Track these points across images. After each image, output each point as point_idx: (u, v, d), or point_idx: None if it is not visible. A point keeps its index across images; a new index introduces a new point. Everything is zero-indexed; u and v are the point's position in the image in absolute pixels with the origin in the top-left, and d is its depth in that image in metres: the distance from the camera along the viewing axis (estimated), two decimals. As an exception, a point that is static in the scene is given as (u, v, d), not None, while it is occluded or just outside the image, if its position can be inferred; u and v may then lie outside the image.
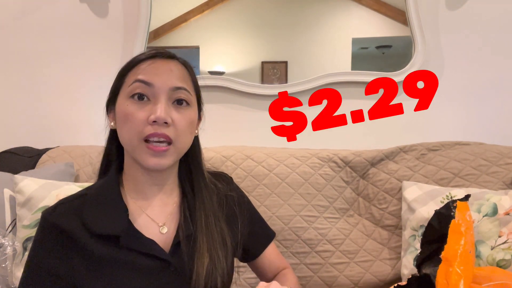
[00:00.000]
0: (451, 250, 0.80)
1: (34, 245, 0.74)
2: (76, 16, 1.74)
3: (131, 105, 0.71)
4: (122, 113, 0.72)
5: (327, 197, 1.44)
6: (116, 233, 0.71)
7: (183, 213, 0.78)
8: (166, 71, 0.73)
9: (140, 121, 0.70)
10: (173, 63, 0.75)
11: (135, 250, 0.71)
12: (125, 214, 0.73)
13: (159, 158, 0.71)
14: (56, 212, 0.74)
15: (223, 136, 1.70)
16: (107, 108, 0.80)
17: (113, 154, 0.81)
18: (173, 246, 0.74)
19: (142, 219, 0.76)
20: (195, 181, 0.81)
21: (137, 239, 0.72)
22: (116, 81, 0.77)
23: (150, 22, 1.69)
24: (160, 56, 0.75)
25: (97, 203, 0.74)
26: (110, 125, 0.78)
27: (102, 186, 0.77)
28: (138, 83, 0.71)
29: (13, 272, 1.27)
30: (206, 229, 0.77)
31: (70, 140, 1.72)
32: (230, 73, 1.73)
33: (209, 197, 0.81)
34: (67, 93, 1.77)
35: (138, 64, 0.74)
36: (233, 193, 0.88)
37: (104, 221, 0.72)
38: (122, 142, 0.75)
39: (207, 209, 0.79)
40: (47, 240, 0.73)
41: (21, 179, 1.34)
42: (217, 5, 1.74)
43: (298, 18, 1.71)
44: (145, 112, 0.70)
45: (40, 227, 0.74)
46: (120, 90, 0.75)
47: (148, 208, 0.77)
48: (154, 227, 0.76)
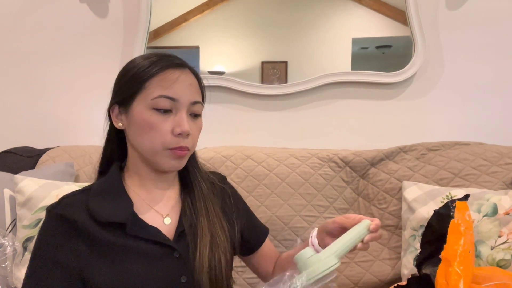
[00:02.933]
0: (450, 250, 0.81)
1: (40, 237, 0.75)
2: (76, 16, 1.74)
3: (156, 116, 0.76)
4: (143, 121, 0.76)
5: (327, 197, 1.44)
6: (122, 220, 0.75)
7: (185, 203, 0.83)
8: (188, 86, 0.78)
9: (165, 131, 0.76)
10: (189, 75, 0.80)
11: (141, 238, 0.75)
12: (129, 204, 0.78)
13: (179, 161, 0.79)
14: (61, 205, 0.76)
15: (223, 136, 1.70)
16: (112, 107, 0.81)
17: (116, 153, 0.85)
18: (177, 235, 0.79)
19: (146, 210, 0.80)
20: (191, 172, 0.87)
21: (142, 227, 0.77)
22: (129, 84, 0.78)
23: (150, 22, 1.69)
24: (179, 67, 0.79)
25: (101, 195, 0.78)
26: (117, 125, 0.80)
27: (105, 181, 0.81)
28: (164, 98, 0.76)
29: (13, 272, 1.27)
30: (206, 214, 0.83)
31: (70, 140, 1.72)
32: (230, 73, 1.73)
33: (205, 186, 0.87)
34: (67, 93, 1.77)
35: (158, 74, 0.77)
36: (227, 187, 0.94)
37: (110, 210, 0.76)
38: (138, 145, 0.79)
39: (206, 196, 0.85)
40: (53, 231, 0.75)
41: (21, 179, 1.34)
42: (217, 5, 1.74)
43: (298, 18, 1.71)
44: (169, 123, 0.76)
45: (45, 220, 0.76)
46: (138, 96, 0.77)
47: (152, 201, 0.82)
48: (158, 218, 0.80)
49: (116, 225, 0.75)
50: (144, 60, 0.79)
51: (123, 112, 0.79)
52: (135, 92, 0.77)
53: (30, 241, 1.27)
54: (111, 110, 0.81)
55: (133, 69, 0.79)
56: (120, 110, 0.80)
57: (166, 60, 0.78)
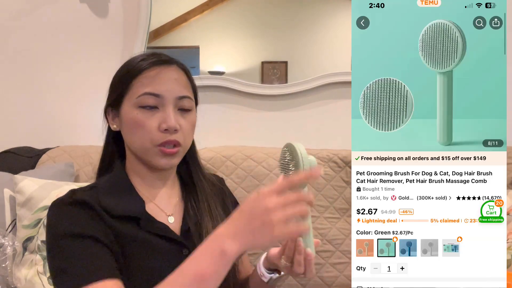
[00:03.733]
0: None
1: (56, 227, 0.70)
2: (76, 16, 1.74)
3: (141, 114, 0.76)
4: (131, 120, 0.77)
5: (327, 197, 1.44)
6: (137, 215, 0.75)
7: (189, 203, 0.83)
8: (172, 81, 0.78)
9: (152, 128, 0.76)
10: (175, 70, 0.80)
11: (153, 233, 0.75)
12: (141, 200, 0.78)
13: (170, 159, 0.78)
14: (76, 195, 0.74)
15: (223, 136, 1.70)
16: (106, 110, 0.83)
17: (115, 153, 0.85)
18: (183, 233, 0.79)
19: (152, 208, 0.80)
20: (194, 173, 0.87)
21: (154, 223, 0.77)
22: (117, 86, 0.79)
23: (150, 22, 1.69)
24: (163, 64, 0.79)
25: (111, 192, 0.77)
26: (112, 127, 0.82)
27: (111, 178, 0.81)
28: (148, 96, 0.76)
29: (13, 272, 1.27)
30: (209, 213, 0.83)
31: (70, 140, 1.72)
32: (230, 73, 1.73)
33: (207, 185, 0.87)
34: (67, 93, 1.77)
35: (142, 72, 0.77)
36: (225, 189, 0.94)
37: (122, 205, 0.76)
38: (131, 145, 0.79)
39: (208, 196, 0.85)
40: (73, 212, 0.71)
41: (21, 179, 1.34)
42: (217, 5, 1.74)
43: (298, 18, 1.71)
44: (155, 119, 0.76)
45: (56, 210, 0.72)
46: (125, 97, 0.78)
47: (155, 198, 0.82)
48: (163, 216, 0.80)
49: (131, 218, 0.75)
50: (132, 60, 0.80)
51: (116, 113, 0.81)
52: (123, 93, 0.78)
53: (30, 241, 1.27)
54: (107, 113, 0.83)
55: (121, 71, 0.80)
56: (113, 112, 0.81)
57: (151, 58, 0.79)
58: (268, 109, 1.72)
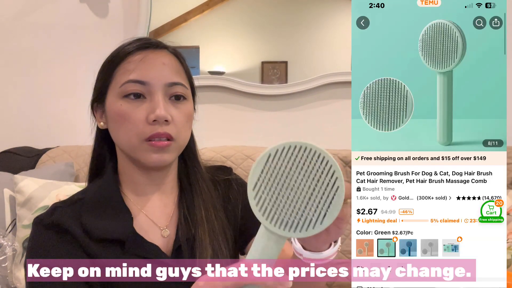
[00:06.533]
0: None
1: (31, 252, 0.65)
2: (76, 16, 1.74)
3: (126, 105, 0.67)
4: (115, 113, 0.68)
5: (327, 197, 1.44)
6: (120, 237, 0.66)
7: (182, 213, 0.73)
8: (159, 66, 0.68)
9: (138, 121, 0.66)
10: (164, 55, 0.70)
11: (139, 256, 0.67)
12: (129, 219, 0.69)
13: (161, 154, 0.67)
14: (55, 214, 0.67)
15: (223, 136, 1.70)
16: (93, 107, 0.75)
17: (105, 155, 0.77)
18: (175, 251, 0.70)
19: (143, 222, 0.71)
20: (191, 173, 0.77)
21: (141, 245, 0.68)
22: (102, 77, 0.72)
23: (150, 22, 1.70)
24: (150, 47, 0.70)
25: (97, 207, 0.69)
26: (99, 125, 0.74)
27: (100, 188, 0.72)
28: (132, 83, 0.66)
29: (13, 272, 1.27)
30: (207, 223, 0.72)
31: (70, 140, 1.72)
32: (230, 73, 1.73)
33: (207, 188, 0.76)
34: (67, 93, 1.77)
35: (126, 57, 0.69)
36: (233, 178, 0.82)
37: (107, 225, 0.67)
38: (118, 142, 0.71)
39: (206, 202, 0.74)
40: (48, 240, 0.65)
41: (21, 179, 1.34)
42: (217, 5, 1.74)
43: (298, 18, 1.71)
44: (142, 110, 0.66)
45: (36, 232, 0.66)
46: (109, 88, 0.69)
47: (148, 210, 0.73)
48: (155, 230, 0.72)
49: (114, 241, 0.66)
50: (119, 47, 0.72)
51: (101, 108, 0.72)
52: (106, 83, 0.70)
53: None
54: (94, 109, 0.74)
55: (106, 59, 0.72)
56: (99, 107, 0.73)
57: (136, 42, 0.70)
58: (268, 109, 1.72)
